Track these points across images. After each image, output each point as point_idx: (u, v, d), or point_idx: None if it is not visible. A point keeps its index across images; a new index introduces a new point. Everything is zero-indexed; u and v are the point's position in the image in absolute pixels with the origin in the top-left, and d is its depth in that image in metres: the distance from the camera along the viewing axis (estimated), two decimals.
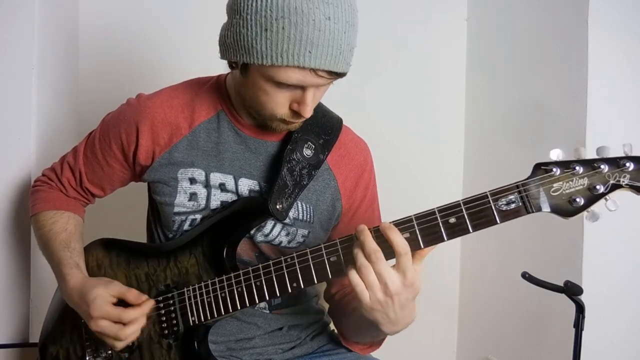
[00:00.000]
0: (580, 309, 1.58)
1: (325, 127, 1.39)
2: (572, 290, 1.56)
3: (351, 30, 1.14)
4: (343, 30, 1.11)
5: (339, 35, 1.11)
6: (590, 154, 1.03)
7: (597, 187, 1.01)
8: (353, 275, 1.08)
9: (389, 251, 1.08)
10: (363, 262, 1.07)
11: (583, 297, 1.58)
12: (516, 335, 2.24)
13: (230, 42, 1.17)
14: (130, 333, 1.24)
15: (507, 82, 2.34)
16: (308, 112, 1.20)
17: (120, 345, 1.25)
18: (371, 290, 1.07)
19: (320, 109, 1.41)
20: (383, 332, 1.18)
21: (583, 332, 1.59)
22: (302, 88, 1.17)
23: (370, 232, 1.09)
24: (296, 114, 1.21)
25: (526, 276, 1.61)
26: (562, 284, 1.58)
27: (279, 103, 1.20)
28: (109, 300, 1.24)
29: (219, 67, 1.31)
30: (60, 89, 2.01)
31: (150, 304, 1.27)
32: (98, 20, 2.24)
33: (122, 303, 1.26)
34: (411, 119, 2.54)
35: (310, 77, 1.14)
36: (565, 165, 1.03)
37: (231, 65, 1.25)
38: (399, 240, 1.07)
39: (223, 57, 1.23)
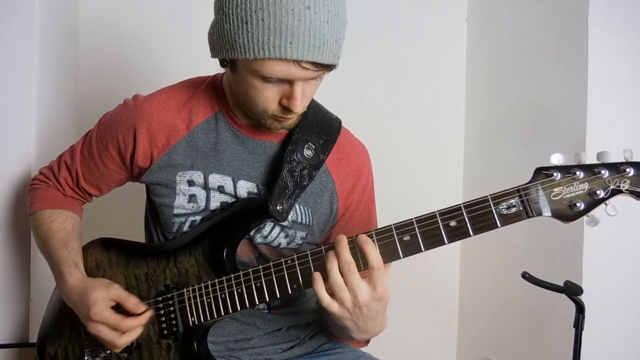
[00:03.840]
0: (580, 309, 1.58)
1: (325, 128, 1.38)
2: (572, 290, 1.56)
3: (335, 20, 1.12)
4: (325, 19, 1.10)
5: (320, 25, 1.09)
6: (590, 158, 1.03)
7: (598, 192, 1.01)
8: (320, 286, 1.11)
9: (362, 262, 1.11)
10: (335, 274, 1.10)
11: (583, 297, 1.58)
12: (516, 335, 2.24)
13: (216, 39, 1.17)
14: (127, 342, 1.24)
15: (507, 82, 2.34)
16: (298, 107, 1.18)
17: (116, 350, 1.26)
18: (340, 301, 1.10)
19: (319, 110, 1.40)
20: (353, 337, 1.22)
21: (583, 332, 1.59)
22: (290, 82, 1.16)
23: (348, 242, 1.12)
24: (287, 109, 1.20)
25: (526, 276, 1.61)
26: (562, 284, 1.58)
27: (268, 99, 1.19)
28: (109, 304, 1.24)
29: (218, 67, 1.31)
30: (60, 89, 2.01)
31: (148, 314, 1.27)
32: (98, 20, 2.24)
33: (121, 308, 1.26)
34: (411, 119, 2.54)
35: (295, 69, 1.12)
36: (565, 170, 1.04)
37: (222, 63, 1.25)
38: (374, 254, 1.09)
39: (213, 55, 1.23)
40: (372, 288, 1.10)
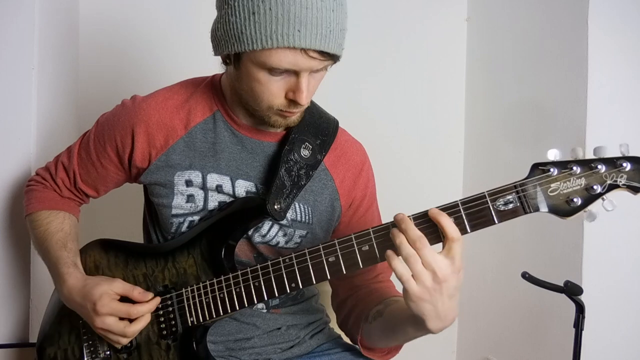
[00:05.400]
0: (580, 309, 1.57)
1: (322, 128, 1.39)
2: (572, 290, 1.56)
3: (339, 10, 1.13)
4: (331, 8, 1.11)
5: (327, 13, 1.10)
6: (587, 154, 1.03)
7: (595, 187, 1.01)
8: (398, 265, 1.04)
9: (430, 237, 1.06)
10: (409, 251, 1.03)
11: (583, 297, 1.57)
12: (516, 335, 2.24)
13: (221, 34, 1.17)
14: (137, 329, 1.24)
15: (507, 82, 2.34)
16: (304, 99, 1.18)
17: (124, 341, 1.26)
18: (419, 279, 1.03)
19: (316, 110, 1.41)
20: (425, 330, 1.11)
21: (583, 332, 1.59)
22: (296, 74, 1.16)
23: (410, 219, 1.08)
24: (292, 103, 1.20)
25: (526, 276, 1.61)
26: (562, 284, 1.57)
27: (274, 93, 1.19)
28: (115, 297, 1.25)
29: (219, 67, 1.31)
30: (60, 89, 2.01)
31: (157, 300, 1.28)
32: (99, 20, 2.24)
33: (125, 300, 1.26)
34: (411, 119, 2.54)
35: (302, 58, 1.12)
36: (562, 165, 1.03)
37: (225, 60, 1.25)
38: (451, 225, 1.05)
39: (216, 52, 1.23)
40: (450, 260, 1.04)
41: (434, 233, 1.08)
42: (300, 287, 1.19)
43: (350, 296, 1.41)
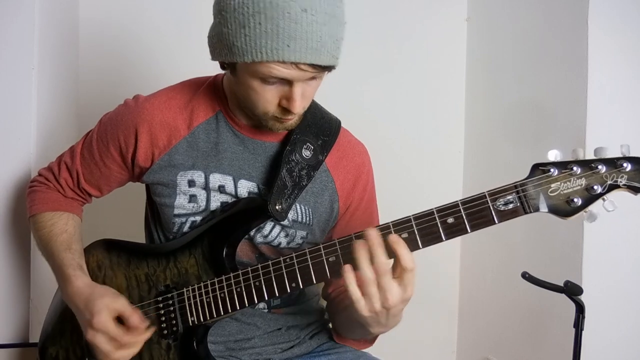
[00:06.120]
0: (580, 309, 1.58)
1: (324, 129, 1.39)
2: (572, 290, 1.56)
3: (333, 22, 1.12)
4: (322, 22, 1.10)
5: (317, 27, 1.09)
6: (588, 154, 1.03)
7: (595, 187, 1.01)
8: (352, 282, 1.09)
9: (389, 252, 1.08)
10: (367, 268, 1.07)
11: (583, 297, 1.58)
12: (516, 335, 2.24)
13: (216, 42, 1.18)
14: (122, 356, 1.23)
15: (507, 82, 2.34)
16: (297, 108, 1.19)
17: None
18: (369, 297, 1.08)
19: (318, 110, 1.41)
20: (370, 332, 1.20)
21: (583, 332, 1.59)
22: (289, 83, 1.16)
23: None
24: (286, 110, 1.21)
25: (526, 276, 1.61)
26: (562, 284, 1.57)
27: (268, 100, 1.20)
28: (113, 315, 1.24)
29: (219, 68, 1.31)
30: (60, 89, 2.01)
31: (151, 331, 1.27)
32: (98, 20, 2.24)
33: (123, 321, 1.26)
34: (411, 119, 2.54)
35: (293, 71, 1.13)
36: (563, 165, 1.04)
37: (222, 65, 1.25)
38: (407, 255, 1.07)
39: (213, 58, 1.24)
40: (402, 289, 1.07)
41: (433, 234, 1.09)
42: (301, 286, 1.20)
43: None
